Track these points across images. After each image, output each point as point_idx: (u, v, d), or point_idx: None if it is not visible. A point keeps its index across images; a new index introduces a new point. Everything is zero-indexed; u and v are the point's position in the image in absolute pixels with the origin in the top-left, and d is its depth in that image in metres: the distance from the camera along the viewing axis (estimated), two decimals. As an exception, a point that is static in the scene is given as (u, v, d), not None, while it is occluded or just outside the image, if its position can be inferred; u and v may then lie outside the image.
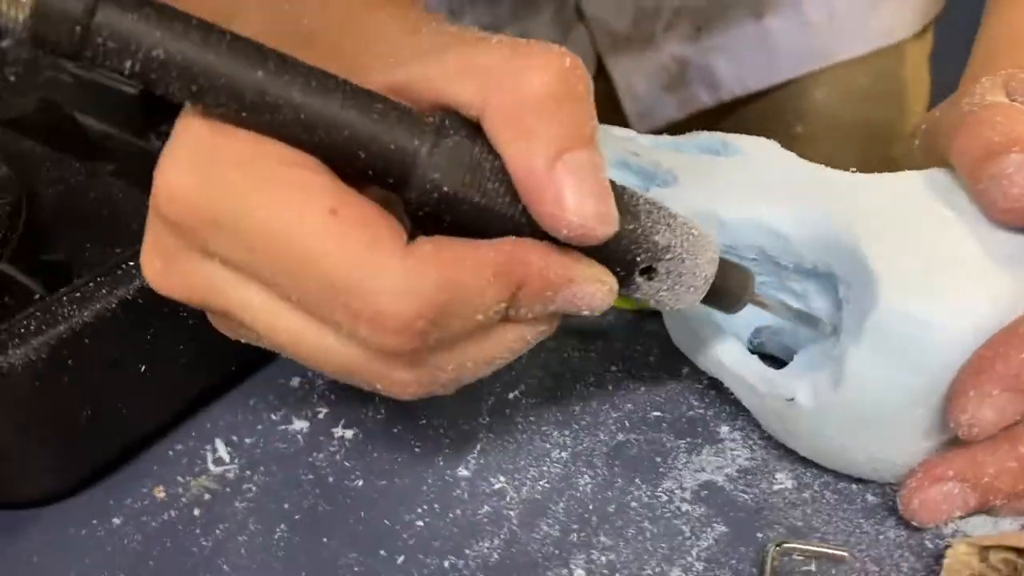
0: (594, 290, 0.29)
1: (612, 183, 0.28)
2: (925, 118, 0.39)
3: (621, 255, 0.29)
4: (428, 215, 0.27)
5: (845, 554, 0.34)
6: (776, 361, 0.39)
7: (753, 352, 0.39)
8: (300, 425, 0.42)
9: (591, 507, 0.37)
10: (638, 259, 0.30)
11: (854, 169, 0.38)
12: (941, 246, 0.33)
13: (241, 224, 0.26)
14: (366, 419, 0.42)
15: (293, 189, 0.26)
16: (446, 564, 0.35)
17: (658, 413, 0.41)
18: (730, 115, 0.77)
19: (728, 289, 0.33)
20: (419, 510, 0.38)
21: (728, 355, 0.38)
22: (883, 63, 0.76)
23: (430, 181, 0.27)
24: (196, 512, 0.38)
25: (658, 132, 0.47)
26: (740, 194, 0.38)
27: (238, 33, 0.26)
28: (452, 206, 0.27)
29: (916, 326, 0.32)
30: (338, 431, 0.42)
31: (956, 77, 0.45)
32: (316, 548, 0.37)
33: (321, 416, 0.43)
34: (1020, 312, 0.32)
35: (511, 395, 0.43)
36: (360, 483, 0.39)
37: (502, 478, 0.39)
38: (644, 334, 0.45)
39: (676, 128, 0.45)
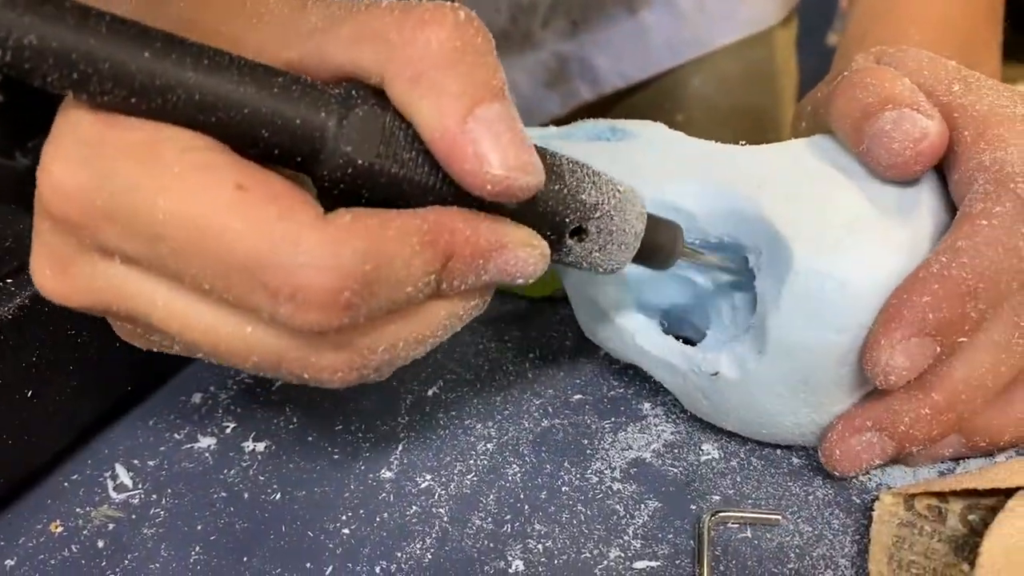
0: (526, 255, 0.28)
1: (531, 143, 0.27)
2: (808, 99, 0.40)
3: (550, 218, 0.28)
4: (343, 193, 0.26)
5: (779, 517, 0.34)
6: (688, 343, 0.39)
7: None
8: (207, 442, 0.40)
9: (522, 496, 0.36)
10: (567, 220, 0.29)
11: (743, 142, 0.38)
12: (841, 206, 0.34)
13: (141, 215, 0.24)
14: (277, 430, 0.40)
15: (194, 170, 0.24)
16: (377, 570, 0.34)
17: (580, 396, 0.41)
18: (612, 108, 0.79)
19: (659, 244, 0.32)
20: (343, 517, 0.36)
21: (645, 339, 0.38)
22: (754, 50, 0.79)
23: (342, 155, 0.25)
24: (100, 544, 0.36)
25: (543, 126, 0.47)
26: (640, 176, 0.37)
27: (118, 15, 0.24)
28: (368, 180, 0.26)
29: (832, 285, 0.32)
30: (248, 445, 0.40)
31: (821, 62, 0.47)
32: (237, 568, 0.34)
33: (229, 431, 0.40)
34: (921, 259, 0.33)
35: (430, 392, 0.41)
36: (277, 496, 0.37)
37: (428, 476, 0.37)
38: (560, 320, 0.45)
39: (559, 123, 0.45)
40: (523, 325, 0.45)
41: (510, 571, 0.33)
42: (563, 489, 0.36)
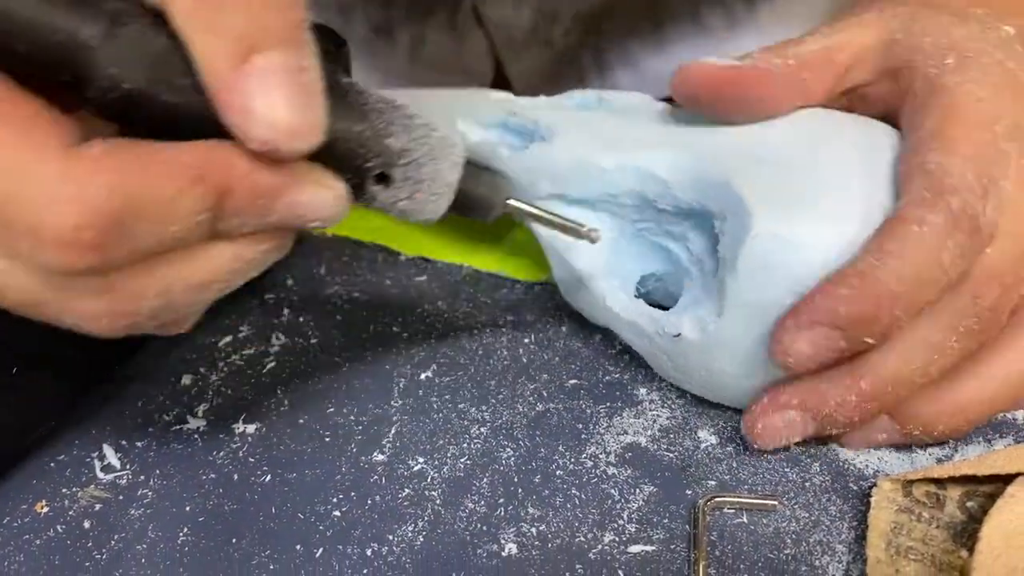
0: (319, 197, 0.26)
1: (339, 81, 0.26)
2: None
3: (348, 160, 0.27)
4: (117, 119, 0.24)
5: (775, 503, 0.34)
6: (664, 309, 0.39)
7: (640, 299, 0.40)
8: (196, 424, 0.39)
9: (516, 480, 0.36)
10: (368, 164, 0.27)
11: None
12: (802, 174, 0.34)
13: None
14: (268, 412, 0.40)
15: None
16: (368, 552, 0.33)
17: (575, 381, 0.40)
18: None
19: (478, 196, 0.31)
20: (335, 500, 0.36)
21: (616, 302, 0.38)
22: None
23: (107, 77, 0.23)
24: (86, 525, 0.35)
25: None
26: (618, 143, 0.38)
27: None
28: (138, 106, 0.23)
29: (787, 248, 0.32)
30: (239, 427, 0.39)
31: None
32: (225, 549, 0.34)
33: (219, 413, 0.40)
34: (874, 225, 0.32)
35: (423, 375, 0.41)
36: (268, 478, 0.37)
37: (421, 459, 0.37)
38: (555, 305, 0.44)
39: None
40: (518, 311, 0.44)
41: (503, 554, 0.33)
42: (557, 473, 0.36)
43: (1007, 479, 0.32)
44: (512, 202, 0.33)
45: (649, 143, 0.37)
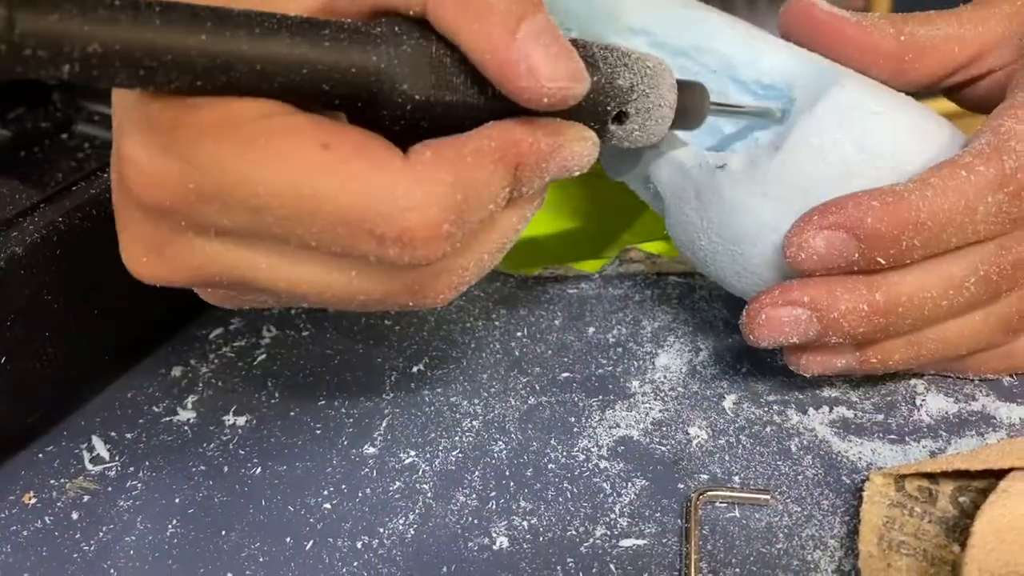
0: (580, 148, 0.29)
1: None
2: None
3: (592, 109, 0.29)
4: (405, 128, 0.26)
5: (767, 497, 0.34)
6: None
7: None
8: (186, 416, 0.39)
9: (508, 473, 0.36)
10: (608, 107, 0.29)
11: None
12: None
13: (237, 190, 0.24)
14: (259, 404, 0.39)
15: (277, 138, 0.24)
16: (359, 545, 0.33)
17: (568, 374, 0.40)
18: None
19: (690, 109, 0.33)
20: (325, 492, 0.35)
21: (663, 142, 0.36)
22: None
23: (400, 94, 0.26)
24: (74, 516, 0.35)
25: None
26: (740, 25, 0.39)
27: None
28: (427, 112, 0.26)
29: (865, 111, 0.33)
30: (229, 419, 0.39)
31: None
32: (215, 541, 0.34)
33: (209, 405, 0.40)
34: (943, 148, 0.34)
35: (415, 369, 0.41)
36: (258, 470, 0.36)
37: (412, 452, 0.37)
38: (548, 299, 0.44)
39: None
40: (511, 304, 0.44)
41: (494, 547, 0.33)
42: (549, 466, 0.36)
43: (999, 474, 0.32)
44: (713, 106, 0.34)
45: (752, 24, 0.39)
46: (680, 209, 0.37)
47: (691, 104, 0.33)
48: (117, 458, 0.37)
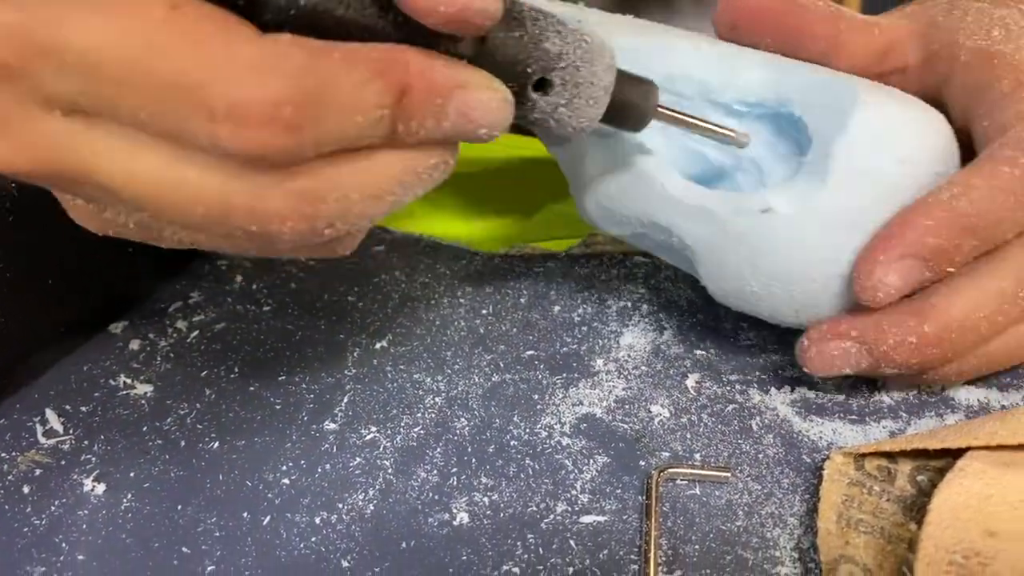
0: (487, 98, 0.26)
1: None
2: None
3: (510, 66, 0.27)
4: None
5: (727, 474, 0.34)
6: None
7: None
8: (143, 389, 0.38)
9: (470, 449, 0.35)
10: (529, 70, 0.27)
11: None
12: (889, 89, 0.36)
13: (74, 44, 0.22)
14: (218, 379, 0.39)
15: None
16: (317, 520, 0.33)
17: (532, 352, 0.40)
18: None
19: (630, 103, 0.31)
20: (284, 467, 0.35)
21: (677, 187, 0.36)
22: None
23: None
24: (26, 489, 0.34)
25: None
26: (704, 41, 0.38)
27: None
28: (313, 23, 0.24)
29: (892, 119, 0.34)
30: (188, 393, 0.38)
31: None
32: (170, 516, 0.33)
33: (167, 379, 0.39)
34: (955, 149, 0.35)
35: (378, 345, 0.40)
36: (216, 445, 0.36)
37: (373, 428, 0.36)
38: (515, 276, 0.44)
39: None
40: (476, 282, 0.44)
41: (454, 523, 0.33)
42: (512, 443, 0.36)
43: (957, 454, 0.32)
44: (662, 109, 0.32)
45: (715, 40, 0.38)
46: (722, 260, 0.35)
47: (632, 98, 0.31)
48: (71, 431, 0.36)
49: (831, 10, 0.37)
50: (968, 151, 0.35)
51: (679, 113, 0.33)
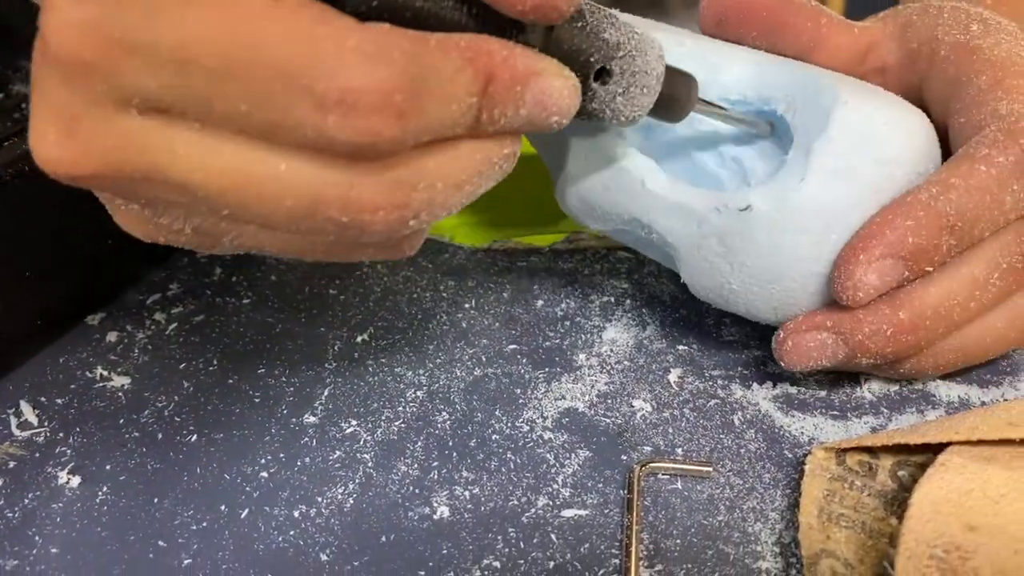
0: (560, 84, 0.26)
1: None
2: None
3: (575, 56, 0.27)
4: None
5: (709, 469, 0.34)
6: None
7: None
8: (121, 382, 0.38)
9: (451, 443, 0.35)
10: (592, 59, 0.28)
11: None
12: (857, 84, 0.36)
13: (166, 38, 0.22)
14: (196, 372, 0.38)
15: None
16: (296, 514, 0.32)
17: (514, 346, 0.40)
18: None
19: (676, 94, 0.31)
20: (263, 461, 0.34)
21: (657, 183, 0.36)
22: None
23: None
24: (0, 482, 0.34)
25: None
26: (682, 33, 0.38)
27: None
28: (392, 12, 0.24)
29: (872, 120, 0.33)
30: (165, 386, 0.38)
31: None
32: (147, 509, 0.33)
33: (145, 371, 0.38)
34: (936, 147, 0.35)
35: (359, 338, 0.40)
36: (194, 438, 0.35)
37: (354, 422, 0.36)
38: (497, 271, 0.44)
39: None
40: (459, 276, 0.44)
41: (435, 517, 0.32)
42: (493, 437, 0.35)
43: (937, 449, 0.32)
44: (700, 101, 0.33)
45: (700, 38, 0.38)
46: (702, 258, 0.35)
47: (678, 90, 0.32)
48: (46, 423, 0.36)
49: (814, 6, 0.37)
50: (948, 145, 0.35)
51: (714, 106, 0.34)
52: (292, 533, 0.32)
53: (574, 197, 0.38)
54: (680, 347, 0.39)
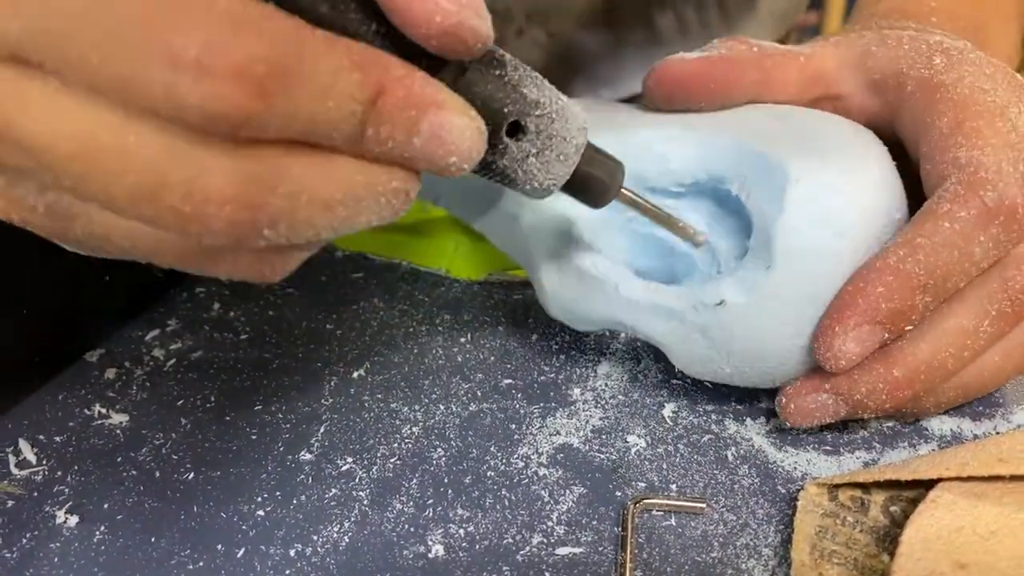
0: (462, 123, 0.24)
1: None
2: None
3: (488, 102, 0.26)
4: None
5: (703, 505, 0.34)
6: None
7: None
8: (119, 419, 0.38)
9: (446, 480, 0.35)
10: (506, 110, 0.27)
11: None
12: (802, 138, 0.35)
13: None
14: (194, 409, 0.39)
15: None
16: (292, 553, 0.33)
17: (510, 381, 0.40)
18: None
19: (597, 177, 0.30)
20: (259, 499, 0.35)
21: (633, 289, 0.37)
22: None
23: None
24: (-3, 522, 0.34)
25: None
26: (616, 124, 0.37)
27: None
28: (291, 12, 0.22)
29: (828, 192, 0.33)
30: (163, 423, 0.38)
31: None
32: (144, 548, 0.33)
33: (142, 408, 0.39)
34: (895, 190, 0.34)
35: (355, 374, 0.40)
36: (191, 476, 0.36)
37: (349, 459, 0.36)
38: (492, 305, 0.44)
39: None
40: (455, 310, 0.44)
41: (429, 556, 0.32)
42: (488, 474, 0.36)
43: (929, 484, 0.32)
44: (625, 191, 0.32)
45: (648, 123, 0.37)
46: (691, 350, 0.36)
47: (599, 172, 0.30)
48: (44, 462, 0.36)
49: (754, 53, 0.37)
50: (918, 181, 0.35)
51: (642, 199, 0.33)
52: (288, 572, 0.32)
53: (557, 308, 0.39)
54: (674, 381, 0.40)
